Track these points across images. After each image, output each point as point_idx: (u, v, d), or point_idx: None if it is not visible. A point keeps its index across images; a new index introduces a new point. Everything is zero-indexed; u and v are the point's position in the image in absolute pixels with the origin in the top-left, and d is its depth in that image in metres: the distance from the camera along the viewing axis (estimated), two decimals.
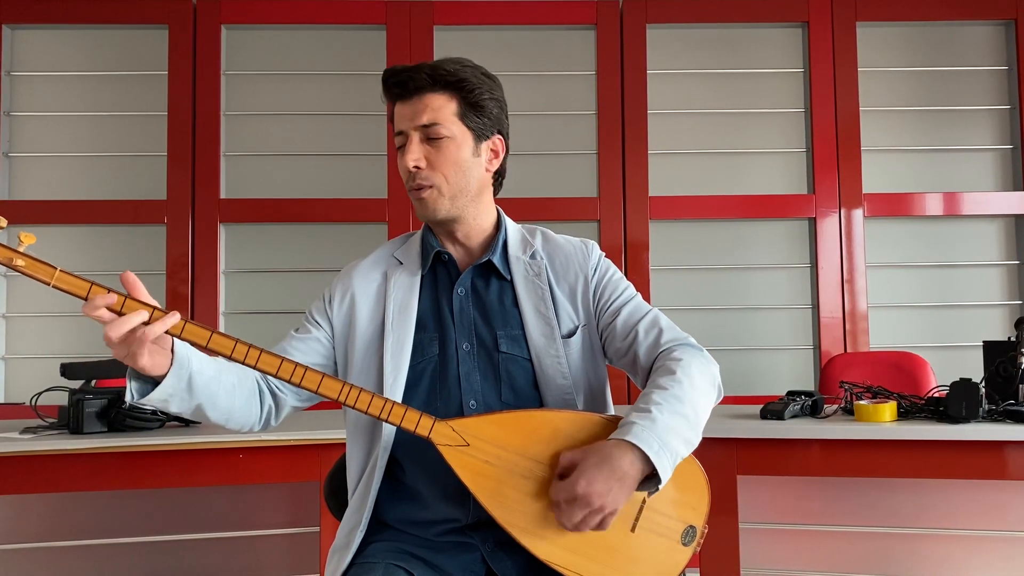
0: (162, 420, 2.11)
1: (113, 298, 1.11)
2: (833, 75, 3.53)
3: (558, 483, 1.20)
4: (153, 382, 1.20)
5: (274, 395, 1.40)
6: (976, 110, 3.60)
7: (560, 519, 1.19)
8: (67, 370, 2.11)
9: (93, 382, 2.13)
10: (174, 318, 1.13)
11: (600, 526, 1.18)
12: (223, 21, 3.47)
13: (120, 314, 1.11)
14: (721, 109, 3.59)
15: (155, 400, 1.20)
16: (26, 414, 2.23)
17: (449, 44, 3.52)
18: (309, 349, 1.42)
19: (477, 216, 1.43)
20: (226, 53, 3.52)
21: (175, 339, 1.18)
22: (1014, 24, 3.56)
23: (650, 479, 1.21)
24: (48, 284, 1.10)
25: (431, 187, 1.37)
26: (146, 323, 1.11)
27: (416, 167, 1.36)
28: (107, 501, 2.30)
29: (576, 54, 3.57)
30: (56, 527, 2.28)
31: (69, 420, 2.05)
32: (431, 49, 3.47)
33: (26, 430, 2.10)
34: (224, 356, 1.18)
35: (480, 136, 1.40)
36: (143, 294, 1.15)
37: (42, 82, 3.50)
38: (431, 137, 1.36)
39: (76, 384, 2.12)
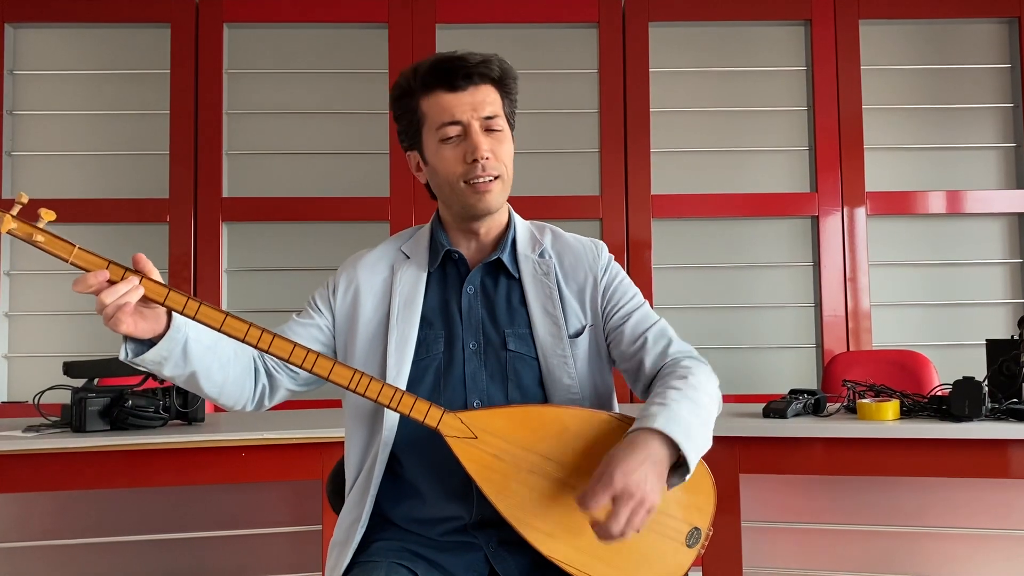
0: (164, 419, 2.11)
1: (106, 274, 1.13)
2: (836, 73, 3.52)
3: (593, 489, 1.12)
4: (150, 344, 1.20)
5: (269, 375, 1.39)
6: (979, 108, 3.60)
7: (609, 528, 1.11)
8: (70, 369, 2.11)
9: (96, 381, 2.13)
10: (138, 288, 1.14)
11: (641, 523, 1.12)
12: (225, 20, 3.47)
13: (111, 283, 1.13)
14: (723, 107, 3.58)
15: (148, 361, 1.20)
16: (29, 412, 2.24)
17: (451, 42, 3.52)
18: (309, 335, 1.41)
19: (501, 211, 1.44)
20: (228, 52, 3.52)
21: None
22: (1017, 22, 3.55)
23: (673, 471, 1.20)
24: (66, 261, 1.13)
25: (498, 177, 1.36)
26: (112, 282, 1.13)
27: (486, 158, 1.34)
28: (110, 499, 2.31)
29: (578, 52, 3.57)
30: (59, 525, 2.28)
31: (72, 418, 2.06)
32: (433, 48, 3.46)
33: (29, 428, 2.10)
34: (237, 339, 1.19)
35: (513, 130, 1.42)
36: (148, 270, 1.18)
37: (44, 81, 3.51)
38: (491, 129, 1.36)
39: (79, 383, 2.12)
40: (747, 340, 3.52)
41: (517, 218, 1.49)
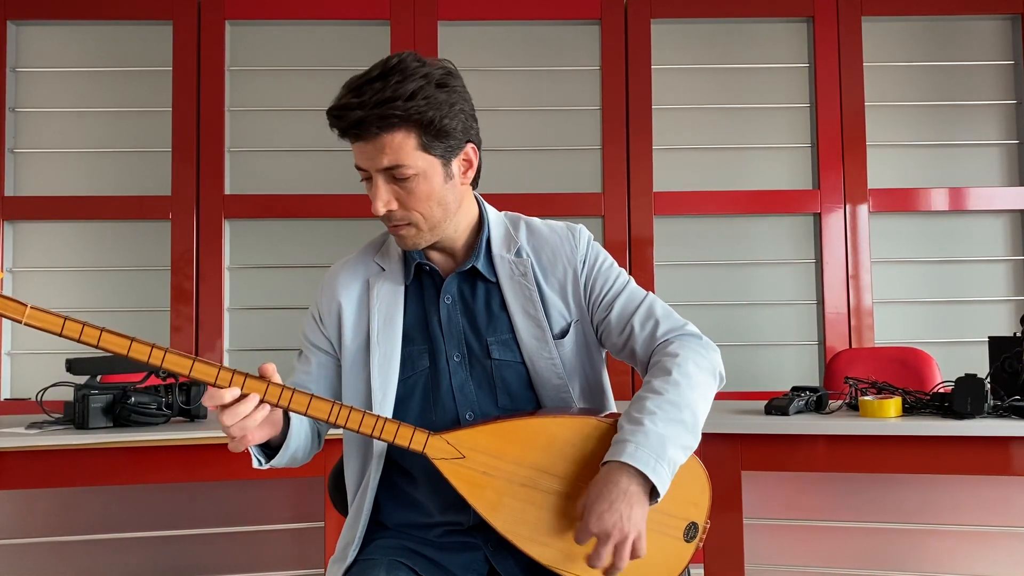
0: (167, 415, 2.12)
1: (236, 391, 1.14)
2: (838, 70, 3.52)
3: (578, 532, 1.18)
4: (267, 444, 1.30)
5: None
6: (982, 105, 3.59)
7: (595, 565, 1.16)
8: (73, 366, 2.12)
9: (98, 377, 2.13)
10: (259, 407, 1.17)
11: (635, 553, 1.16)
12: (227, 17, 3.47)
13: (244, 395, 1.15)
14: (726, 104, 3.58)
15: (279, 465, 1.31)
16: (32, 409, 2.24)
17: (453, 39, 3.51)
18: (323, 376, 1.41)
19: (458, 227, 1.37)
20: (230, 49, 3.51)
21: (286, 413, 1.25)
22: (1020, 19, 3.54)
23: (651, 491, 1.20)
24: (20, 321, 1.06)
25: (408, 224, 1.30)
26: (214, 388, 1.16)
27: (388, 210, 1.29)
28: (113, 496, 2.31)
29: (580, 49, 3.57)
30: (61, 522, 2.28)
31: (75, 415, 2.06)
32: (435, 45, 3.46)
33: (32, 425, 2.10)
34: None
35: (449, 158, 1.30)
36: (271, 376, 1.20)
37: (47, 78, 3.51)
38: (397, 177, 1.27)
39: (82, 379, 2.12)
40: (749, 337, 3.52)
41: (491, 215, 1.43)
